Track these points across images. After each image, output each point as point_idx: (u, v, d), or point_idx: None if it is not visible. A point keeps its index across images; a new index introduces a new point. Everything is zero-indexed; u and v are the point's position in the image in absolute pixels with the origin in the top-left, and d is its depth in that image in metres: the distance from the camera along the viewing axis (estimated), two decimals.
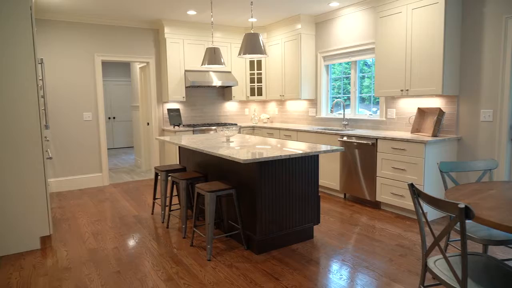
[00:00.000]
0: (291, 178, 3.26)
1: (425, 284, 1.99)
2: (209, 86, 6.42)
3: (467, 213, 1.55)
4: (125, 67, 10.80)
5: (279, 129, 5.91)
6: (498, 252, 3.13)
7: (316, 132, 5.14)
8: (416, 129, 4.34)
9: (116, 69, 10.71)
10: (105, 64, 10.48)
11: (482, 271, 1.82)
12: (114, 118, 10.77)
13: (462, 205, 1.54)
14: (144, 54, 6.18)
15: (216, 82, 6.15)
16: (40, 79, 3.65)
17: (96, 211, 4.54)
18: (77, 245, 3.46)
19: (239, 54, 3.64)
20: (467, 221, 2.47)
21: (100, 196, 5.28)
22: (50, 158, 3.68)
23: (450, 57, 3.90)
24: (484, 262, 1.91)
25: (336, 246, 3.32)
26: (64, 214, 4.46)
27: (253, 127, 6.59)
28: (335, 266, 2.92)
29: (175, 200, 4.97)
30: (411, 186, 1.86)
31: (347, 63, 5.54)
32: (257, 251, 3.17)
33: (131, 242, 3.51)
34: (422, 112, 4.33)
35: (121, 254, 3.24)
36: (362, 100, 5.42)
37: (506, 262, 2.89)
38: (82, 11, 5.31)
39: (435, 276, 1.81)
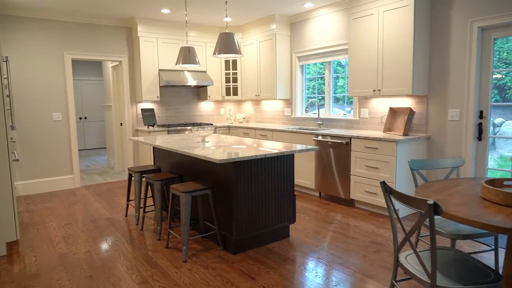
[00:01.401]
0: (267, 178, 3.27)
1: (397, 279, 2.05)
2: (184, 86, 6.35)
3: (436, 209, 1.61)
4: (97, 66, 10.51)
5: (255, 128, 5.92)
6: (465, 246, 3.26)
7: (292, 132, 5.18)
8: (388, 128, 4.45)
9: (87, 68, 10.41)
10: (75, 62, 10.16)
11: (451, 264, 1.89)
12: (85, 118, 10.46)
13: (431, 202, 1.60)
14: (116, 52, 6.03)
15: (191, 81, 6.09)
16: (5, 78, 3.50)
17: (66, 214, 4.39)
18: (46, 250, 3.33)
19: (214, 53, 3.62)
20: (436, 216, 2.56)
21: (71, 199, 5.12)
22: (17, 160, 3.53)
23: (419, 58, 4.02)
24: (452, 255, 1.98)
25: (312, 244, 3.36)
26: (33, 218, 4.29)
27: (228, 127, 6.57)
28: (310, 264, 2.96)
29: (149, 201, 4.88)
30: (383, 184, 1.91)
31: (322, 63, 5.62)
32: (234, 251, 3.17)
33: (104, 246, 3.42)
34: (393, 111, 4.45)
35: (93, 258, 3.15)
36: (336, 100, 5.52)
37: (472, 255, 3.02)
38: (51, 8, 5.13)
39: (406, 271, 1.87)
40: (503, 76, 3.68)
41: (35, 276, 2.84)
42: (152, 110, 6.17)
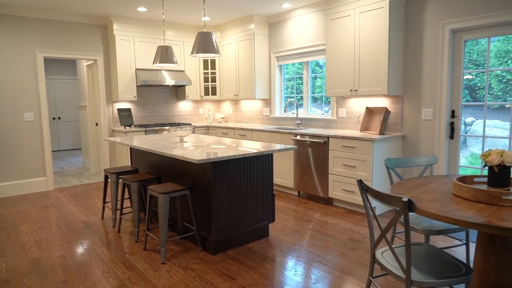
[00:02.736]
0: (246, 177, 3.27)
1: (373, 275, 2.08)
2: (161, 86, 6.26)
3: (410, 206, 1.65)
4: (71, 64, 10.22)
5: (234, 128, 5.91)
6: (439, 241, 3.36)
7: (271, 131, 5.20)
8: (364, 127, 4.54)
9: (61, 67, 10.10)
10: (48, 61, 9.85)
11: (424, 259, 1.94)
12: (59, 118, 10.15)
13: (405, 199, 1.64)
14: (91, 51, 5.88)
15: (169, 81, 6.02)
16: None
17: (39, 218, 4.25)
18: (17, 255, 3.21)
19: (192, 53, 3.59)
20: (410, 213, 2.63)
21: (44, 202, 4.96)
22: None
23: (394, 59, 4.12)
24: (426, 251, 2.04)
25: (291, 243, 3.38)
26: (3, 222, 4.12)
27: (207, 127, 6.53)
28: (290, 263, 2.98)
29: (126, 203, 4.79)
30: (360, 182, 1.94)
31: (300, 63, 5.66)
32: (213, 251, 3.15)
33: (79, 249, 3.33)
34: (370, 111, 4.54)
35: (68, 262, 3.06)
36: (315, 99, 5.58)
37: (445, 250, 3.11)
38: (22, 4, 4.94)
39: (382, 267, 1.91)
40: (474, 77, 3.82)
41: (5, 282, 2.74)
42: (129, 110, 6.06)
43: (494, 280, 1.94)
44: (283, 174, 5.12)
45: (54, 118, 10.07)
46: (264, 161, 3.39)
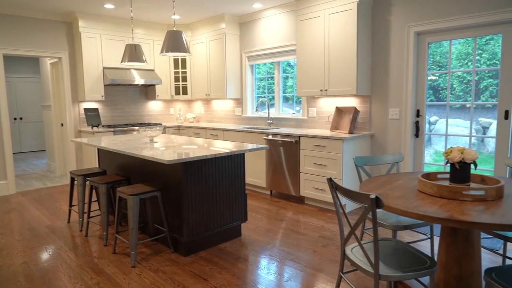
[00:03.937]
0: (218, 178, 3.25)
1: (344, 271, 2.13)
2: (130, 85, 6.11)
3: (378, 202, 1.70)
4: (34, 62, 9.78)
5: (206, 128, 5.86)
6: (405, 236, 3.48)
7: (242, 131, 5.20)
8: (334, 126, 4.63)
9: (23, 65, 9.64)
10: (8, 58, 9.37)
11: (392, 254, 2.00)
12: (21, 118, 9.69)
13: (373, 196, 1.68)
14: (55, 48, 5.65)
15: (138, 80, 5.88)
16: None
17: (0, 224, 4.04)
18: None
19: (162, 51, 3.53)
20: (378, 210, 2.71)
21: (5, 206, 4.71)
22: None
23: (362, 60, 4.23)
24: (393, 246, 2.11)
25: (264, 242, 3.39)
26: None
27: (178, 127, 6.44)
28: (263, 262, 2.99)
29: (94, 206, 4.64)
30: (330, 180, 1.98)
31: (271, 63, 5.69)
32: (185, 253, 3.11)
33: (44, 255, 3.19)
34: (339, 110, 4.63)
35: (31, 269, 2.92)
36: (286, 99, 5.63)
37: (411, 244, 3.23)
38: None
39: (352, 263, 1.95)
40: (437, 77, 3.99)
41: None
42: (96, 110, 5.87)
43: (456, 271, 2.03)
44: (255, 173, 5.13)
45: (15, 119, 9.60)
46: (236, 161, 3.39)
